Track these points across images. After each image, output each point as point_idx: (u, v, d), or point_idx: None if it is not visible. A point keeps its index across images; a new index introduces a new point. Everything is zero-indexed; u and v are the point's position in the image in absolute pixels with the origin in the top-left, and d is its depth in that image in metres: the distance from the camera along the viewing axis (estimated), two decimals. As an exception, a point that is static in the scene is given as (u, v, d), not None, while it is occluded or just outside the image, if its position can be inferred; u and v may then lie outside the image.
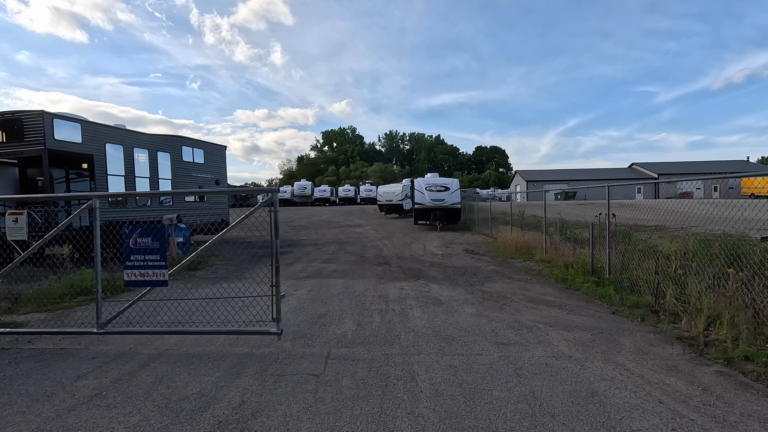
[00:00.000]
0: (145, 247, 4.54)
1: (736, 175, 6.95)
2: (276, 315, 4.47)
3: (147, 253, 4.55)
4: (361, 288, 7.55)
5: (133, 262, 4.56)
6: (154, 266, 4.55)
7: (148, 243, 4.53)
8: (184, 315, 5.27)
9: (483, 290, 7.31)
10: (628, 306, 5.98)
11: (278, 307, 4.47)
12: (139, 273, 4.54)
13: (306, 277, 8.82)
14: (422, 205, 21.49)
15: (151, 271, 4.54)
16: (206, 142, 17.11)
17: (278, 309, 4.47)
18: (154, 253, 4.54)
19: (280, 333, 4.47)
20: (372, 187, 53.72)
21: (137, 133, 13.56)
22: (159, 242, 4.54)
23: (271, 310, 4.52)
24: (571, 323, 5.26)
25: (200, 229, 16.79)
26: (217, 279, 8.74)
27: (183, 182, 15.34)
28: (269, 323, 4.55)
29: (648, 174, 65.46)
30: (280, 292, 4.56)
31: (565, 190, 57.40)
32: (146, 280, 4.58)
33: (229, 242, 16.97)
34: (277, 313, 4.46)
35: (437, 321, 5.39)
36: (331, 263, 10.76)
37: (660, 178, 63.19)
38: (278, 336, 4.48)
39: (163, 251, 4.54)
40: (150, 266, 4.55)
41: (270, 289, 4.57)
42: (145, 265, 4.56)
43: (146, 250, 4.55)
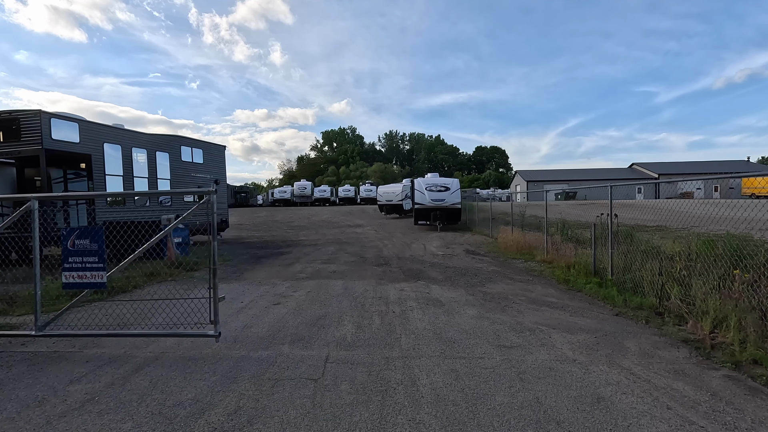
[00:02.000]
0: (84, 248, 4.46)
1: (736, 175, 6.89)
2: (214, 317, 4.39)
3: (85, 255, 4.47)
4: (361, 289, 7.46)
5: (72, 264, 4.49)
6: (93, 268, 4.47)
7: (87, 245, 4.46)
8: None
9: (484, 291, 7.22)
10: (631, 308, 5.89)
11: (216, 310, 4.39)
12: (78, 275, 4.48)
13: (305, 278, 8.73)
14: (422, 205, 21.41)
15: (89, 273, 4.47)
16: (205, 142, 17.03)
17: (216, 311, 4.39)
18: (93, 254, 4.46)
19: (218, 335, 4.39)
20: (372, 187, 53.66)
21: (136, 132, 13.48)
22: (97, 244, 4.45)
23: (209, 313, 4.42)
24: (574, 325, 5.17)
25: (199, 229, 16.73)
26: (216, 280, 8.65)
27: (182, 182, 15.25)
28: (207, 326, 4.46)
29: (648, 174, 65.37)
30: (218, 294, 4.44)
31: (566, 191, 57.37)
32: (84, 282, 4.49)
33: (229, 243, 16.89)
34: (215, 315, 4.38)
35: (438, 323, 5.30)
36: (331, 264, 10.67)
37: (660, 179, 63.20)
38: (216, 339, 4.40)
39: (101, 253, 4.46)
40: (88, 268, 4.47)
41: (208, 291, 4.45)
42: (83, 267, 4.48)
43: (84, 252, 4.46)
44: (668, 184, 63.69)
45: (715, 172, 60.43)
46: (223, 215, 17.69)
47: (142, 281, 8.27)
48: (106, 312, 5.69)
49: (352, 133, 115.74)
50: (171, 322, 4.73)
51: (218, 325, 4.41)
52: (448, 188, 21.90)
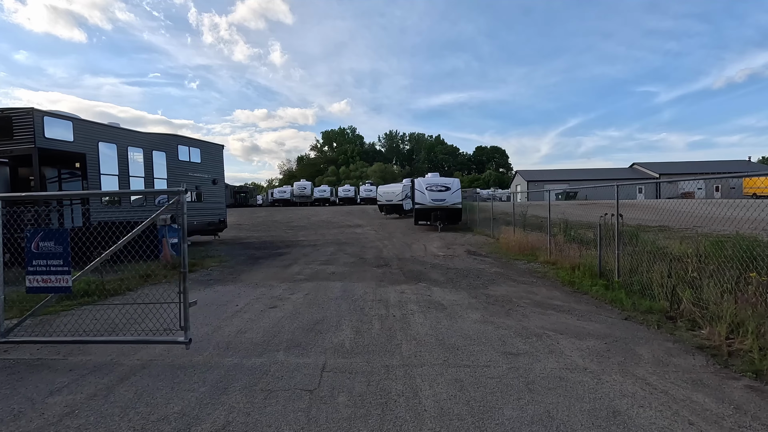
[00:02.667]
0: (48, 251, 4.24)
1: (738, 174, 6.71)
2: (184, 323, 4.16)
3: (50, 258, 4.25)
4: (361, 291, 7.25)
5: (36, 267, 4.26)
6: (57, 272, 4.25)
7: (51, 247, 4.24)
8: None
9: (487, 294, 7.00)
10: (641, 311, 5.67)
11: (186, 315, 4.16)
12: (42, 279, 4.25)
13: (303, 279, 8.51)
14: (423, 205, 21.20)
15: (54, 276, 4.25)
16: (203, 141, 16.81)
17: (186, 317, 4.16)
18: (57, 257, 4.24)
19: (188, 342, 4.16)
20: (372, 187, 53.46)
21: (132, 131, 13.26)
22: (62, 246, 4.23)
23: (178, 318, 4.20)
24: (583, 330, 4.96)
25: (197, 230, 16.54)
26: (211, 282, 8.44)
27: (180, 182, 15.01)
28: (177, 332, 4.24)
29: (649, 174, 65.15)
30: (188, 299, 4.21)
31: (566, 191, 57.20)
32: (48, 286, 4.27)
33: (227, 243, 16.67)
34: (185, 321, 4.16)
35: (440, 328, 5.08)
36: (330, 265, 10.45)
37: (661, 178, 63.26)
38: (186, 346, 4.17)
39: (66, 255, 4.24)
40: (53, 272, 4.25)
41: (177, 295, 4.22)
42: (47, 270, 4.26)
43: (49, 255, 4.24)
44: (669, 184, 63.62)
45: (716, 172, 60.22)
46: (221, 215, 17.48)
47: (135, 283, 8.06)
48: (94, 316, 5.46)
49: (352, 133, 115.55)
50: (157, 328, 4.50)
51: (189, 331, 4.17)
52: (448, 188, 21.68)
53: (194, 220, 15.75)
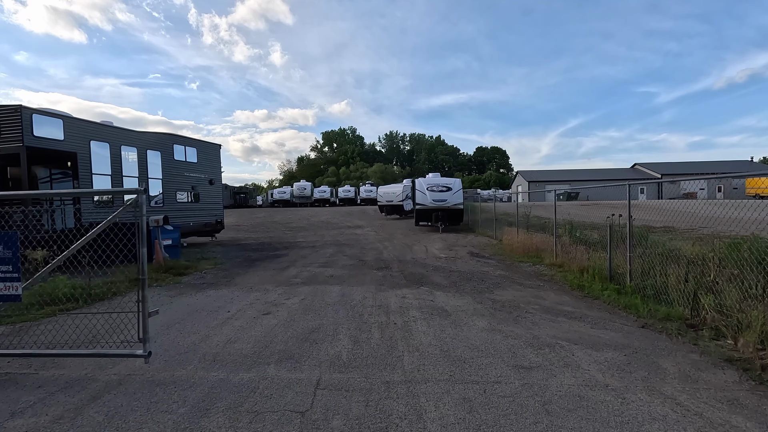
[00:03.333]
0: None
1: (742, 174, 6.40)
2: (142, 335, 3.78)
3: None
4: (360, 296, 6.89)
5: None
6: (6, 278, 3.88)
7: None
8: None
9: (493, 299, 6.65)
10: (658, 318, 5.32)
11: (145, 326, 3.78)
12: None
13: (300, 283, 8.15)
14: (423, 205, 20.85)
15: (2, 284, 3.87)
16: (200, 141, 16.48)
17: (145, 328, 3.78)
18: (6, 263, 3.87)
19: (148, 355, 3.78)
20: (372, 188, 53.10)
21: (125, 130, 12.92)
22: (11, 251, 3.86)
23: (137, 329, 3.81)
24: (598, 340, 4.60)
25: (193, 231, 16.20)
26: (204, 285, 8.08)
27: (175, 182, 14.70)
28: (135, 344, 3.86)
29: (651, 174, 64.75)
30: (147, 308, 3.81)
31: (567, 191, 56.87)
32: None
33: (224, 245, 16.32)
34: (144, 332, 3.78)
35: (445, 337, 4.73)
36: (328, 267, 10.09)
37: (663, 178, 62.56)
38: (145, 359, 3.79)
39: (15, 261, 3.87)
40: (1, 278, 3.88)
41: (136, 304, 3.83)
42: None
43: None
44: (671, 185, 63.15)
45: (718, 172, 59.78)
46: (218, 216, 17.14)
47: (124, 288, 7.70)
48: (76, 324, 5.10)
49: (352, 133, 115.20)
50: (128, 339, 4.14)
51: (148, 343, 3.79)
52: (449, 188, 21.34)
53: (190, 220, 15.41)
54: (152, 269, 9.12)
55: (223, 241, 17.42)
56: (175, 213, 14.57)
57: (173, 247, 11.29)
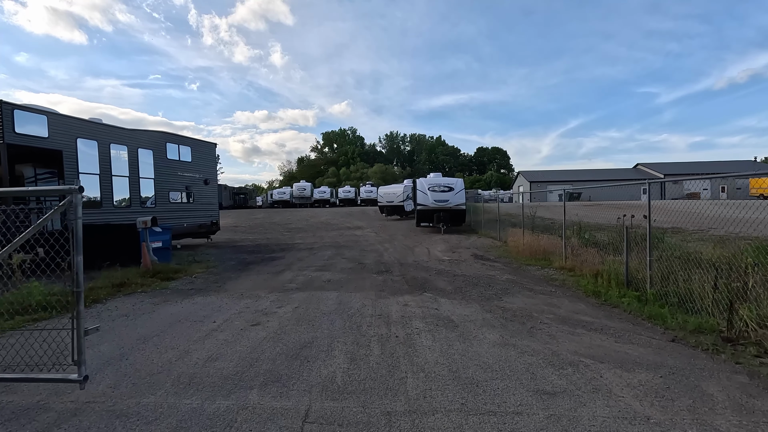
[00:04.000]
0: None
1: (748, 174, 5.93)
2: (77, 356, 3.08)
3: None
4: (358, 304, 6.36)
5: None
6: None
7: None
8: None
9: (503, 307, 6.12)
10: (689, 331, 4.79)
11: (80, 346, 3.07)
12: None
13: (295, 289, 7.63)
14: (425, 206, 20.34)
15: None
16: (194, 139, 15.97)
17: (80, 348, 3.06)
18: None
19: (83, 380, 3.05)
20: (372, 188, 52.61)
21: (114, 128, 12.41)
22: None
23: (71, 350, 3.10)
24: (627, 357, 4.07)
25: (187, 232, 15.68)
26: (192, 291, 7.55)
27: (168, 181, 14.19)
28: (69, 367, 3.17)
29: (654, 174, 64.18)
30: (83, 326, 3.09)
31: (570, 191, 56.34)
32: None
33: (219, 246, 15.81)
34: (79, 353, 3.07)
35: (453, 354, 4.20)
36: (326, 271, 9.57)
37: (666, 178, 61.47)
38: (80, 384, 3.07)
39: None
40: None
41: (70, 321, 3.14)
42: None
43: None
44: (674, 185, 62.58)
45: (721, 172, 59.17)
46: (214, 217, 16.63)
47: (106, 293, 7.18)
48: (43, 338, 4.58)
49: (352, 134, 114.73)
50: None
51: (83, 366, 3.09)
52: (451, 188, 20.82)
53: (184, 221, 14.91)
54: (139, 274, 8.60)
55: (218, 243, 16.91)
56: (168, 214, 14.07)
57: (164, 249, 10.78)
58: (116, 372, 3.82)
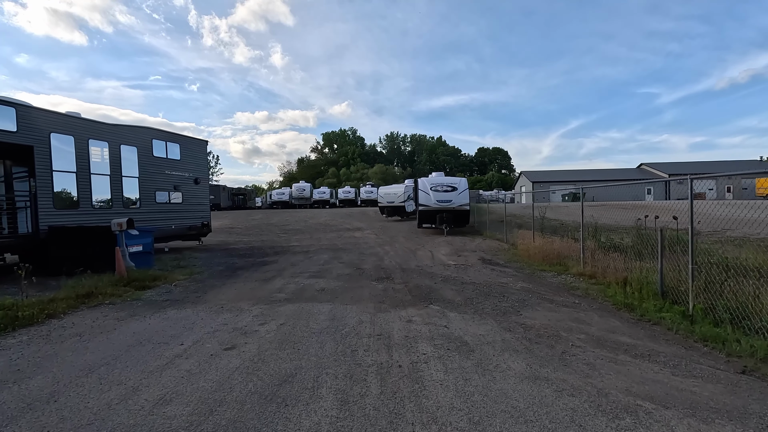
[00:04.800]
0: None
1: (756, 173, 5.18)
2: None
3: None
4: (354, 320, 5.47)
5: None
6: None
7: None
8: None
9: (523, 323, 5.23)
10: (759, 358, 3.89)
11: None
12: None
13: (283, 300, 6.74)
14: (427, 206, 19.43)
15: None
16: (183, 136, 15.08)
17: None
18: None
19: None
20: (373, 189, 51.75)
21: (94, 122, 11.53)
22: None
23: None
24: (696, 399, 3.18)
25: (176, 234, 14.81)
26: (167, 303, 6.66)
27: (154, 180, 13.31)
28: None
29: (658, 174, 63.27)
30: None
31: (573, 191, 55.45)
32: None
33: (210, 249, 14.93)
34: None
35: (472, 393, 3.31)
36: (320, 278, 8.68)
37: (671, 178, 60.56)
38: None
39: None
40: None
41: None
42: None
43: None
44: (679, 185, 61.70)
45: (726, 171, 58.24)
46: (205, 218, 15.74)
47: (66, 306, 6.29)
48: None
49: (353, 134, 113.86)
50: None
51: None
52: (455, 188, 19.91)
53: (172, 223, 14.03)
54: (111, 282, 7.72)
55: (210, 246, 16.03)
56: (155, 215, 13.19)
57: (145, 254, 9.89)
58: (32, 424, 2.92)
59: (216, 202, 49.01)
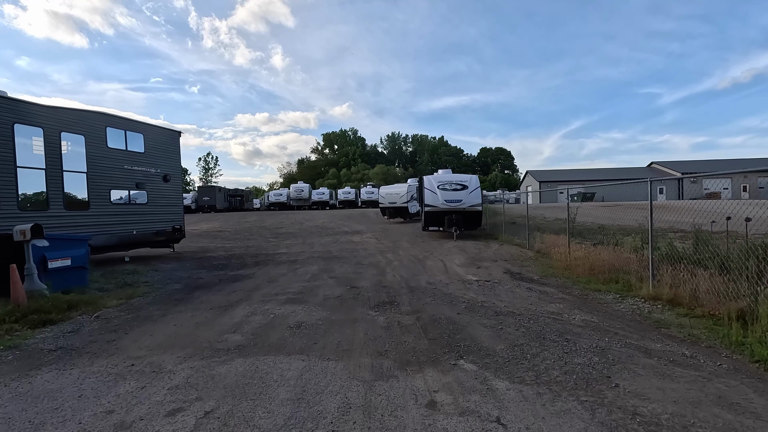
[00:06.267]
0: None
1: None
2: None
3: None
4: (336, 402, 3.18)
5: None
6: None
7: None
8: None
9: (633, 412, 2.93)
10: None
11: None
12: None
13: (234, 349, 4.44)
14: (434, 207, 17.14)
15: None
16: (148, 125, 12.81)
17: None
18: None
19: None
20: (374, 189, 49.50)
21: (22, 103, 9.25)
22: None
23: None
24: None
25: (139, 241, 12.58)
26: (54, 355, 4.35)
27: (108, 176, 11.05)
28: None
29: (670, 173, 60.84)
30: None
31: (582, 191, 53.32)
32: None
33: (179, 258, 12.67)
34: None
35: None
36: (300, 303, 6.39)
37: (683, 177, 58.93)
38: None
39: None
40: None
41: None
42: None
43: None
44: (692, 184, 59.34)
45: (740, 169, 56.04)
46: (176, 222, 13.47)
47: None
48: None
49: (353, 135, 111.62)
50: None
51: None
52: (465, 186, 17.61)
53: (134, 228, 11.76)
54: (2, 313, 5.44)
55: (184, 253, 13.77)
56: (109, 218, 10.93)
57: (75, 270, 7.61)
58: None
59: (211, 204, 46.81)
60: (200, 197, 47.08)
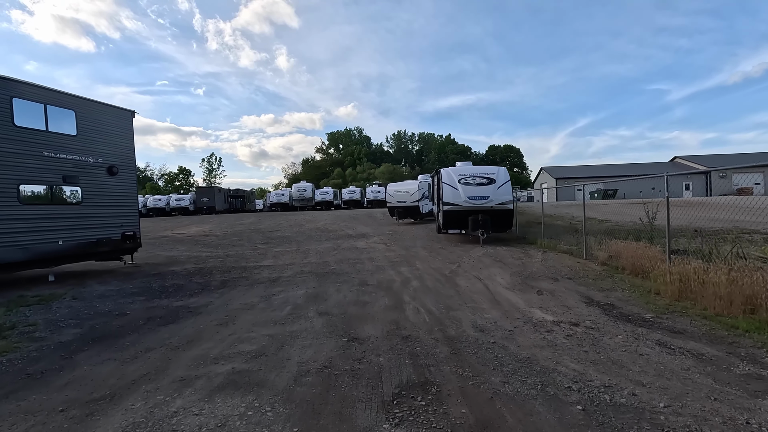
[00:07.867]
0: None
1: None
2: None
3: None
4: None
5: None
6: None
7: None
8: None
9: None
10: None
11: None
12: None
13: None
14: (455, 205, 13.94)
15: None
16: (83, 99, 9.70)
17: None
18: None
19: None
20: (380, 189, 46.37)
21: None
22: None
23: None
24: None
25: (70, 254, 9.53)
26: None
27: (15, 165, 8.03)
28: None
29: (696, 167, 56.99)
30: None
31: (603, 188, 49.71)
32: None
33: (126, 275, 9.65)
34: None
35: None
36: (246, 394, 3.26)
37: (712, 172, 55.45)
38: None
39: None
40: None
41: None
42: None
43: None
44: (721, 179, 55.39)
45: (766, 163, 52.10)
46: (128, 227, 10.43)
47: None
48: None
49: (358, 134, 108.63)
50: None
51: None
52: (492, 180, 14.40)
53: (59, 237, 8.73)
54: None
55: (141, 266, 10.75)
56: (16, 224, 7.91)
57: None
58: None
59: (210, 205, 44.02)
60: (199, 198, 44.37)
